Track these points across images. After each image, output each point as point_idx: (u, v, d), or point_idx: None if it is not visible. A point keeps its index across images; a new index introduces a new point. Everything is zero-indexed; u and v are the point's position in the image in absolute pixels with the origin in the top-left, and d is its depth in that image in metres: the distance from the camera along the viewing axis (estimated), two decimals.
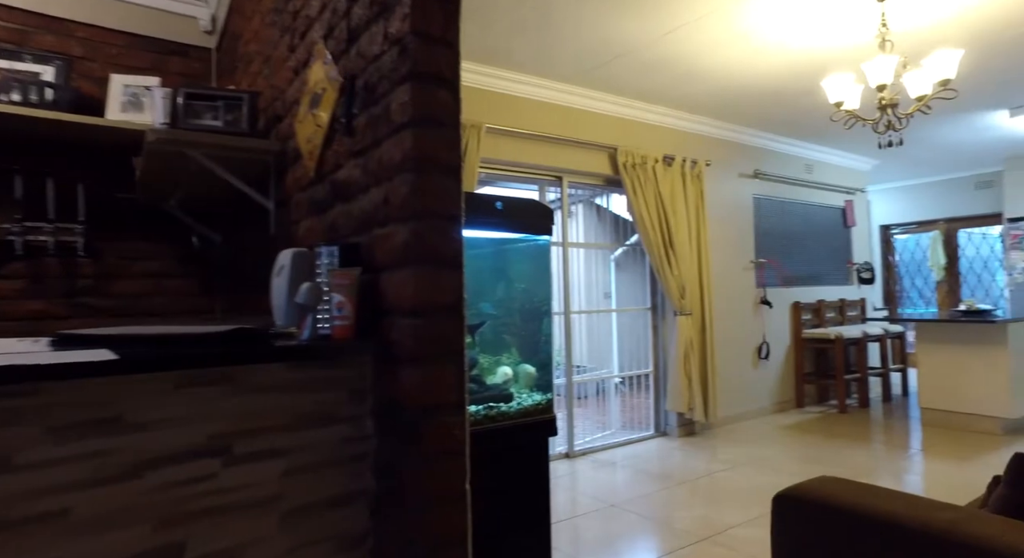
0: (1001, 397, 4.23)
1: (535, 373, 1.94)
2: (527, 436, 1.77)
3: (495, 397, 1.80)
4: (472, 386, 1.80)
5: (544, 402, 1.86)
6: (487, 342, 2.02)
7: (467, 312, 1.18)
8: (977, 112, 4.86)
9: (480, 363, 1.99)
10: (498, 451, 1.71)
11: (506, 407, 1.77)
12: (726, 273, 4.98)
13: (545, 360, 2.02)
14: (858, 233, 6.33)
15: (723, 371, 4.87)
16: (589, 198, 6.16)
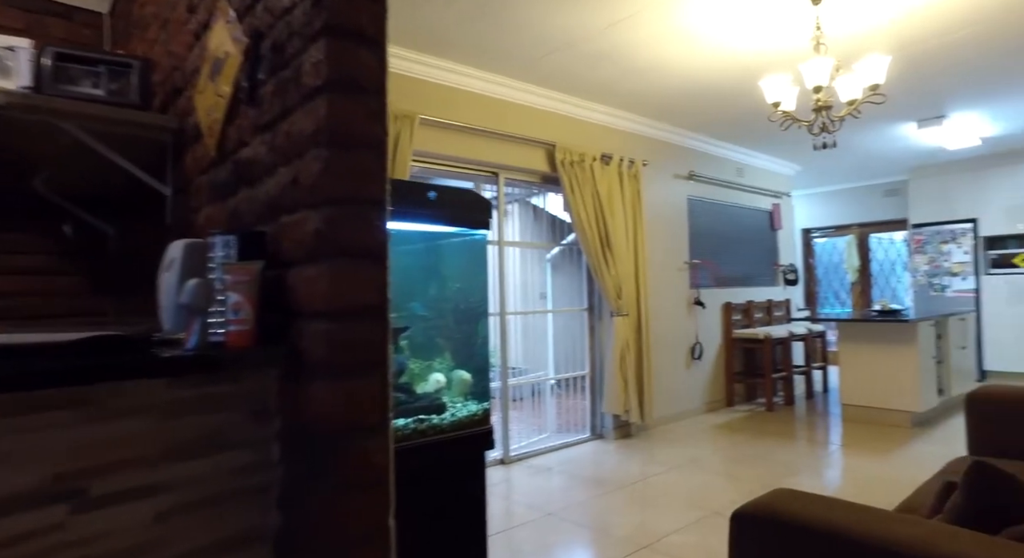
0: (910, 392, 4.43)
1: (470, 379, 1.78)
2: (462, 451, 1.60)
3: (426, 408, 1.62)
4: (400, 396, 1.62)
5: (480, 412, 1.70)
6: (418, 346, 1.85)
7: (395, 314, 1.00)
8: (889, 123, 5.10)
9: (411, 369, 1.81)
10: (429, 469, 1.53)
11: (438, 419, 1.60)
12: (662, 274, 4.99)
13: (481, 365, 1.87)
14: (784, 236, 6.55)
15: (658, 372, 4.88)
16: (525, 197, 6.07)
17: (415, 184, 1.61)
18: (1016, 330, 6.21)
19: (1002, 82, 4.20)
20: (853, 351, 4.74)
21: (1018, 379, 6.22)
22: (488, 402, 1.74)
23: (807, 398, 5.80)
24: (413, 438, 1.51)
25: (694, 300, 5.25)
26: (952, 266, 6.55)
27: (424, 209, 1.58)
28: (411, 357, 1.86)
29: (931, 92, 4.37)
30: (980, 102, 4.65)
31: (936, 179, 6.75)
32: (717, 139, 5.50)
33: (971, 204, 6.54)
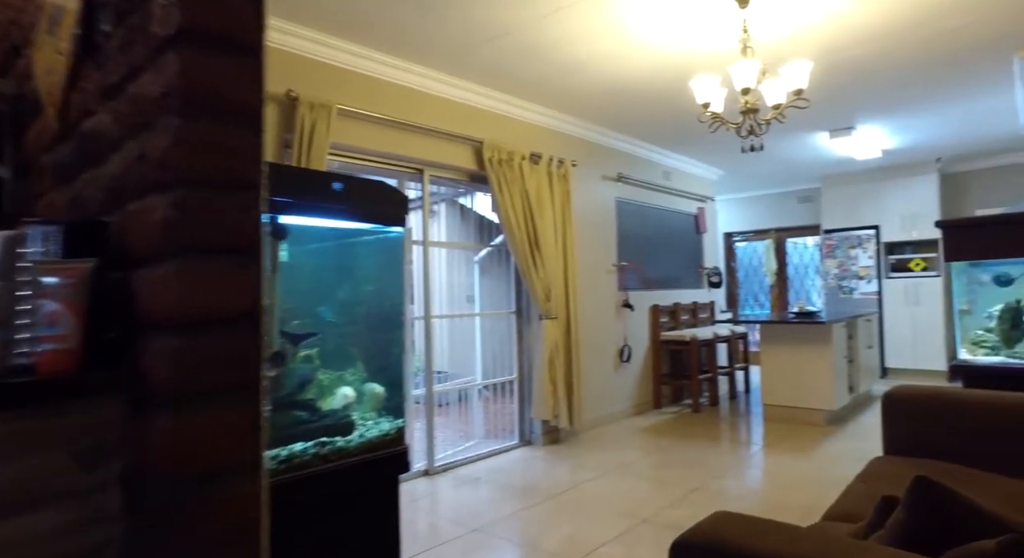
0: (825, 391, 4.59)
1: (384, 393, 1.59)
2: (372, 477, 1.41)
3: (331, 428, 1.42)
4: (301, 415, 1.41)
5: (394, 431, 1.51)
6: (326, 356, 1.64)
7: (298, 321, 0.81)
8: (805, 132, 5.29)
9: (318, 381, 1.60)
10: (333, 500, 1.33)
11: (344, 441, 1.40)
12: (590, 276, 4.94)
13: (397, 376, 1.68)
14: (708, 239, 6.70)
15: (588, 375, 4.82)
16: (453, 197, 5.89)
17: (316, 173, 1.41)
18: (912, 329, 6.63)
19: (903, 97, 4.43)
20: (773, 352, 4.86)
21: (914, 375, 6.64)
22: (403, 418, 1.56)
23: (730, 398, 5.94)
24: (313, 465, 1.31)
25: (622, 302, 5.24)
26: (859, 270, 6.92)
27: (329, 202, 1.38)
28: (320, 368, 1.65)
29: (843, 103, 4.55)
30: (883, 115, 4.90)
31: (844, 187, 7.12)
32: (645, 142, 5.53)
33: (874, 212, 6.93)
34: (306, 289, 1.52)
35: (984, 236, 2.22)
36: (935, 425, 2.29)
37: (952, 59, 3.72)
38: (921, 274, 6.62)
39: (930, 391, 2.32)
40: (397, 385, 1.62)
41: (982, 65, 3.84)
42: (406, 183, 3.84)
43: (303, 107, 2.94)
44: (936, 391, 2.32)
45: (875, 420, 4.79)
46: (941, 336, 6.48)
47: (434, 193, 4.13)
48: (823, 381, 4.60)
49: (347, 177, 1.41)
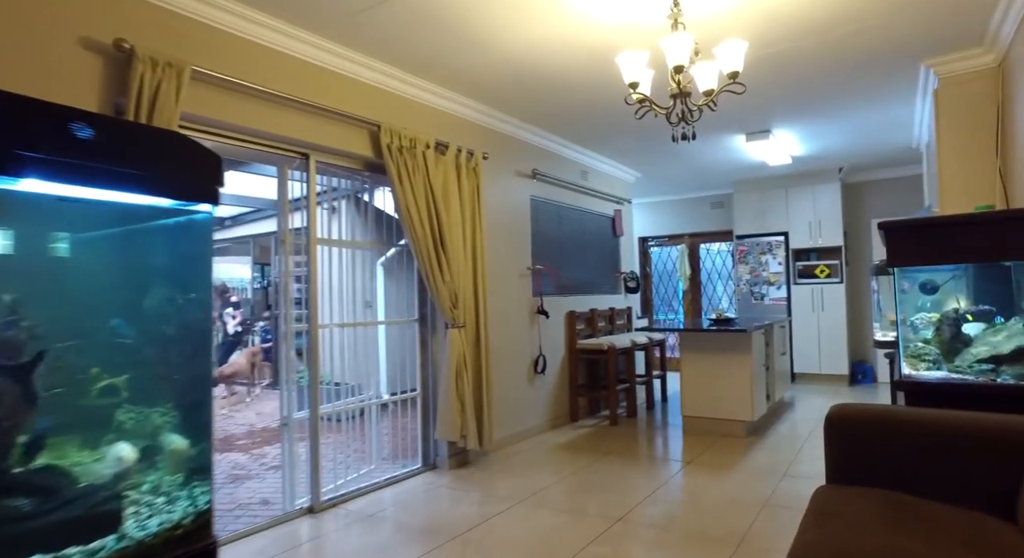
0: (745, 401, 4.43)
1: (186, 448, 1.06)
2: None
3: (83, 524, 0.88)
4: (23, 504, 0.86)
5: (192, 515, 0.99)
6: (80, 389, 1.09)
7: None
8: (723, 133, 5.17)
9: (50, 440, 1.05)
10: None
11: (105, 548, 0.87)
12: (503, 280, 4.53)
13: (201, 420, 1.16)
14: (624, 243, 6.49)
15: (499, 389, 4.40)
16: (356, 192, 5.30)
17: (35, 103, 0.87)
18: (818, 335, 6.74)
19: (817, 102, 4.36)
20: (693, 361, 4.66)
21: (820, 380, 6.75)
22: (208, 489, 1.04)
23: (648, 408, 5.72)
24: None
25: (537, 309, 4.87)
26: (769, 275, 6.97)
27: (71, 157, 0.85)
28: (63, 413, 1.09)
29: (761, 104, 4.42)
30: (797, 120, 4.84)
31: (755, 193, 7.17)
32: (563, 137, 5.21)
33: (783, 218, 7.02)
34: (49, 291, 0.98)
35: (934, 239, 2.01)
36: (882, 450, 2.04)
37: (866, 61, 3.63)
38: (825, 280, 6.74)
39: (875, 412, 2.07)
40: (201, 432, 1.10)
41: (892, 71, 3.79)
42: (288, 169, 3.25)
43: (141, 64, 2.32)
44: (881, 413, 2.07)
45: (791, 429, 4.70)
46: (844, 342, 6.62)
47: (335, 189, 3.59)
48: (743, 391, 4.44)
49: (104, 118, 0.89)
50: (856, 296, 6.99)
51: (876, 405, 2.13)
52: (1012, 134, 3.26)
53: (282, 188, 3.26)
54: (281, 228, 3.22)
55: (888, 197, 6.88)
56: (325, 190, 3.76)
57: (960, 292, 2.60)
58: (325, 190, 3.76)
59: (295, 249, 3.29)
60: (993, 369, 2.04)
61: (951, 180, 3.59)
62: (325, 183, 3.56)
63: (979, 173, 3.52)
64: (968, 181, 3.54)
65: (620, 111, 4.44)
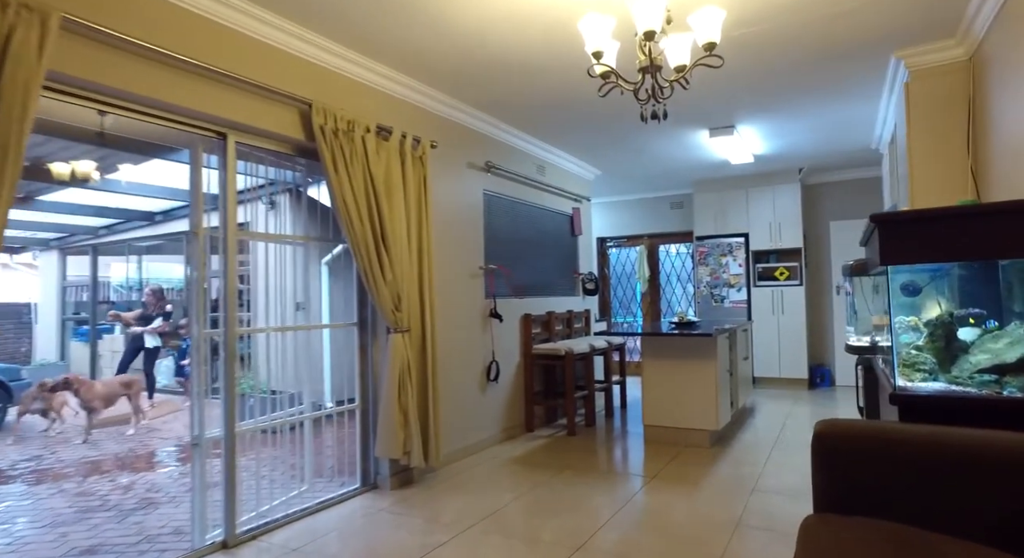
0: (710, 410, 4.20)
1: None
2: None
3: None
4: None
5: None
6: None
7: None
8: (686, 127, 4.95)
9: None
10: None
11: None
12: (453, 280, 4.17)
13: None
14: (583, 243, 6.22)
15: (448, 399, 4.03)
16: (297, 185, 4.85)
17: None
18: (778, 339, 6.62)
19: (779, 96, 4.17)
20: (655, 367, 4.40)
21: (780, 384, 6.64)
22: None
23: (607, 416, 5.45)
24: None
25: (490, 311, 4.53)
26: (730, 278, 6.83)
27: None
28: None
29: (728, 97, 4.21)
30: (761, 116, 4.66)
31: (715, 194, 7.02)
32: (518, 128, 4.89)
33: (743, 219, 6.89)
34: None
35: (938, 233, 1.76)
36: (878, 473, 1.78)
37: (836, 50, 3.44)
38: (785, 283, 6.64)
39: (870, 430, 1.81)
40: None
41: (860, 62, 3.63)
42: (201, 150, 2.81)
43: None
44: (876, 430, 1.81)
45: (755, 438, 4.49)
46: (804, 345, 6.52)
47: (273, 182, 3.17)
48: (708, 399, 4.20)
49: None
50: (815, 299, 6.92)
51: (869, 422, 1.87)
52: (985, 131, 3.11)
53: (195, 173, 2.81)
54: (194, 220, 2.77)
55: (846, 199, 6.83)
56: (267, 183, 3.35)
57: (942, 294, 2.39)
58: (267, 183, 3.35)
59: (235, 247, 2.85)
60: (996, 380, 1.81)
61: (922, 179, 3.43)
62: (264, 174, 3.12)
63: (951, 171, 3.37)
64: (940, 180, 3.39)
65: (581, 100, 4.15)
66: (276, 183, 3.47)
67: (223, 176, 2.84)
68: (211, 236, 2.85)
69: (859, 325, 3.10)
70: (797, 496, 3.18)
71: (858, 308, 3.08)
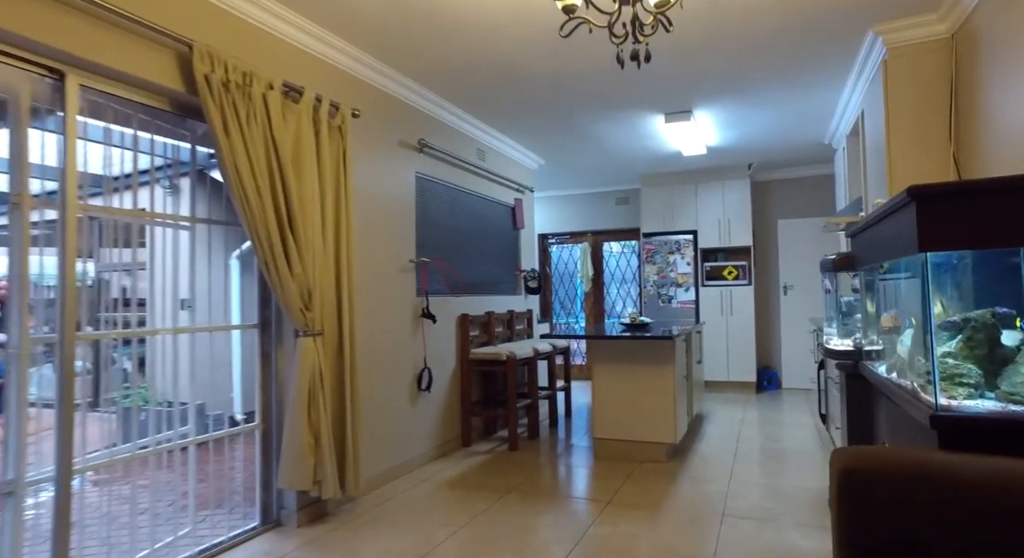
0: (667, 421, 3.80)
1: None
2: None
3: None
4: None
5: None
6: None
7: None
8: (641, 111, 4.55)
9: None
10: None
11: None
12: (379, 275, 3.58)
13: None
14: (525, 237, 5.74)
15: (371, 414, 3.43)
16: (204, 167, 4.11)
17: None
18: (727, 340, 6.37)
19: (742, 77, 3.83)
20: (606, 374, 3.96)
21: (729, 388, 6.39)
22: None
23: (551, 426, 4.98)
24: None
25: (422, 311, 3.96)
26: (678, 277, 6.52)
27: None
28: None
29: (684, 75, 3.82)
30: (719, 101, 4.32)
31: (664, 189, 6.71)
32: (457, 106, 4.34)
33: (691, 216, 6.61)
34: None
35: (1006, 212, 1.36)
36: (921, 520, 1.37)
37: (811, 22, 3.10)
38: (734, 282, 6.39)
39: (911, 464, 1.39)
40: None
41: (834, 38, 3.31)
42: (34, 92, 2.10)
43: None
44: (921, 464, 1.39)
45: (713, 450, 4.13)
46: (753, 347, 6.30)
47: (178, 161, 2.48)
48: (665, 409, 3.79)
49: None
50: (763, 299, 6.73)
51: (906, 451, 1.45)
52: (971, 116, 2.83)
53: (16, 126, 2.10)
54: (15, 184, 2.07)
55: (794, 197, 6.68)
56: (169, 164, 2.65)
57: (943, 291, 2.04)
58: (169, 164, 2.65)
59: (75, 225, 2.15)
60: None
61: (902, 167, 3.14)
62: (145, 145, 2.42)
63: (932, 159, 3.09)
64: (920, 168, 3.10)
65: (528, 73, 3.65)
66: (175, 163, 2.79)
67: (62, 130, 2.14)
68: (91, 217, 2.15)
69: (840, 327, 2.75)
70: (770, 522, 2.80)
71: (841, 307, 2.72)
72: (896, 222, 1.73)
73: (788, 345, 6.54)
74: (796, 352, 6.49)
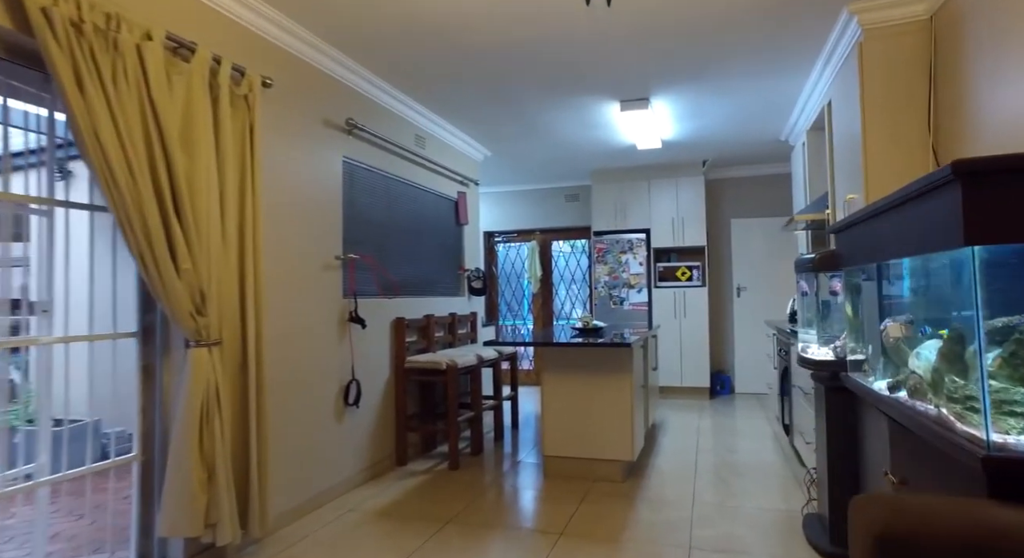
0: (624, 436, 3.45)
1: None
2: None
3: None
4: None
5: None
6: None
7: None
8: (596, 97, 4.20)
9: None
10: None
11: None
12: (297, 274, 3.06)
13: None
14: (469, 234, 5.30)
15: (284, 438, 2.92)
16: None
17: None
18: (680, 344, 6.13)
19: (704, 62, 3.53)
20: (557, 384, 3.57)
21: (682, 394, 6.15)
22: None
23: (496, 439, 4.56)
24: None
25: (349, 315, 3.47)
26: (630, 277, 6.23)
27: None
28: None
29: (644, 58, 3.49)
30: (677, 89, 4.03)
31: (616, 185, 6.42)
32: (391, 85, 3.86)
33: (644, 214, 6.34)
34: None
35: None
36: None
37: (778, 2, 2.82)
38: (687, 284, 6.16)
39: (976, 529, 1.04)
40: None
41: (804, 19, 3.04)
42: None
43: None
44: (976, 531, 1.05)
45: (672, 465, 3.81)
46: (706, 351, 6.07)
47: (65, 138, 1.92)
48: (622, 423, 3.44)
49: None
50: (717, 301, 6.53)
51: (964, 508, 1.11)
52: (954, 104, 2.60)
53: None
54: None
55: (749, 196, 6.51)
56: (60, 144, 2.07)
57: (922, 295, 1.75)
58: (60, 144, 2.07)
59: None
60: None
61: (879, 159, 2.89)
62: None
63: (909, 151, 2.84)
64: (898, 160, 2.85)
65: (468, 45, 3.22)
66: None
67: None
68: None
69: (821, 332, 2.45)
70: (742, 554, 2.47)
71: (820, 310, 2.42)
72: (919, 210, 1.40)
73: (741, 349, 6.36)
74: (749, 356, 6.32)
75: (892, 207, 1.59)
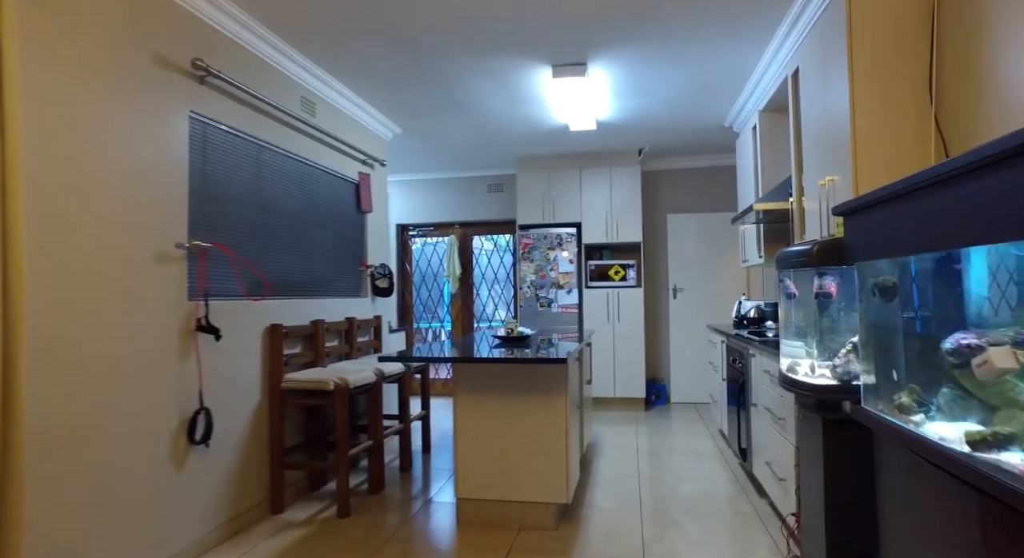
0: (557, 473, 2.77)
1: None
2: None
3: None
4: None
5: None
6: None
7: None
8: (523, 60, 3.52)
9: None
10: None
11: None
12: (108, 267, 2.16)
13: None
14: (376, 225, 4.48)
15: (82, 503, 2.02)
16: None
17: None
18: (613, 351, 5.57)
19: (650, 17, 2.94)
20: (474, 408, 2.85)
21: (613, 405, 5.60)
22: None
23: (402, 470, 3.77)
24: None
25: (197, 323, 2.58)
26: (559, 277, 5.61)
27: None
28: None
29: (581, 13, 2.84)
30: (618, 55, 3.43)
31: (544, 173, 5.78)
32: (265, 26, 3.00)
33: (575, 207, 5.74)
34: None
35: None
36: None
37: None
38: (620, 284, 5.61)
39: None
40: None
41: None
42: None
43: None
44: None
45: (614, 501, 3.17)
46: (642, 358, 5.54)
47: None
48: (555, 457, 2.76)
49: None
50: (652, 303, 6.03)
51: None
52: (961, 65, 2.10)
53: None
54: None
55: (687, 189, 6.04)
56: None
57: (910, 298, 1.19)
58: None
59: None
60: None
61: (869, 135, 2.36)
62: None
63: (903, 122, 2.34)
64: (891, 133, 2.34)
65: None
66: None
67: None
68: None
69: (818, 346, 1.86)
70: None
71: (816, 317, 1.83)
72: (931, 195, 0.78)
73: (678, 355, 5.89)
74: (686, 363, 5.86)
75: (971, 170, 0.97)
